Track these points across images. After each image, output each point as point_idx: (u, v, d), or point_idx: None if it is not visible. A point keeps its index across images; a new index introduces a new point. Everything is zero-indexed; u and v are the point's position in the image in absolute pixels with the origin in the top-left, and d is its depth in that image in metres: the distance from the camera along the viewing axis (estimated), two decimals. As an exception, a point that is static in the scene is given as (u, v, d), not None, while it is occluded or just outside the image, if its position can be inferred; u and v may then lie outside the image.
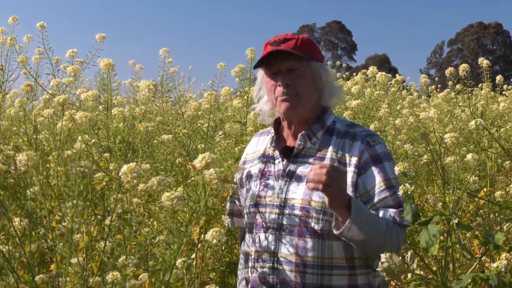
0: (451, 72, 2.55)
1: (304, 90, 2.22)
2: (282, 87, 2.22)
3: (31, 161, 1.61)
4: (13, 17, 3.94)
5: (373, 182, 2.15)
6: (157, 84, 1.97)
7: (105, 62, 2.66)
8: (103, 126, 2.97)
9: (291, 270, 2.15)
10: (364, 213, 2.05)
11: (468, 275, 1.80)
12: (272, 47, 2.24)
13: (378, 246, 2.05)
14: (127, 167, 1.60)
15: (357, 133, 2.24)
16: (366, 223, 2.04)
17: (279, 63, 2.23)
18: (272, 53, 2.21)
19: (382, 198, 2.13)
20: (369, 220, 2.05)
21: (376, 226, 2.06)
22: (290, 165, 2.25)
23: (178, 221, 1.75)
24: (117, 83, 5.11)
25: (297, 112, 2.24)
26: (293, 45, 2.22)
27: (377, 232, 2.06)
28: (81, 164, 1.62)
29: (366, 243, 2.07)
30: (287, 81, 2.21)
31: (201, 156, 1.62)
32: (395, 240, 2.09)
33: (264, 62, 2.27)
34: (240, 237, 2.52)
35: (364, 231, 2.02)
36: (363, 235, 2.02)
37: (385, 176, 2.15)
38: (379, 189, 2.14)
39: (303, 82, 2.22)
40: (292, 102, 2.22)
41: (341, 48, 60.30)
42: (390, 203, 2.13)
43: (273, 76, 2.26)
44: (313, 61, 2.25)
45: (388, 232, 2.07)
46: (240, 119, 3.93)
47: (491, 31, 53.65)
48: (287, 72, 2.22)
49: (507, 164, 4.33)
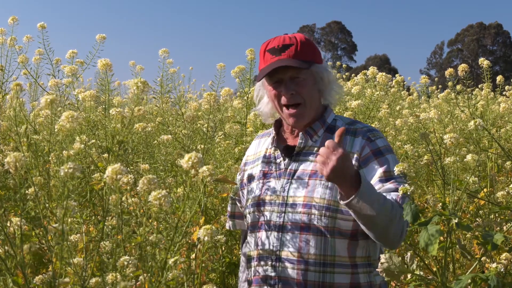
0: (450, 72, 2.55)
1: (308, 97, 2.22)
2: (286, 97, 2.21)
3: (19, 163, 1.60)
4: (13, 17, 3.94)
5: (374, 172, 2.15)
6: (147, 82, 1.94)
7: (103, 62, 2.66)
8: (101, 127, 2.97)
9: (293, 268, 2.15)
10: (371, 188, 2.03)
11: (467, 276, 1.80)
12: (272, 56, 2.22)
13: (384, 224, 2.03)
14: (111, 168, 1.59)
15: (358, 129, 2.25)
16: (373, 196, 2.01)
17: (281, 73, 2.22)
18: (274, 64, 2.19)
19: (382, 186, 2.12)
20: (377, 195, 2.03)
21: (384, 204, 2.02)
22: (292, 163, 2.25)
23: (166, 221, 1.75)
24: (117, 83, 5.11)
25: (304, 122, 2.25)
26: (293, 52, 2.20)
27: (383, 208, 2.02)
28: (69, 165, 1.61)
29: (373, 218, 2.02)
30: (291, 91, 2.21)
31: (188, 156, 1.62)
32: (399, 220, 2.05)
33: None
34: (242, 240, 2.51)
35: (371, 203, 1.98)
36: (371, 208, 1.98)
37: (387, 168, 2.14)
38: (378, 178, 2.13)
39: (306, 89, 2.22)
40: (298, 115, 2.22)
41: (341, 48, 60.32)
42: (392, 188, 2.11)
43: (275, 85, 2.25)
44: (314, 64, 2.24)
45: (393, 210, 2.04)
46: (240, 120, 3.93)
47: (491, 32, 53.65)
48: (289, 81, 2.22)
49: (508, 164, 4.33)
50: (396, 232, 2.07)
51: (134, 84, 1.97)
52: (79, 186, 2.44)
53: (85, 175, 2.64)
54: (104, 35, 3.58)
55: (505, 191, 2.73)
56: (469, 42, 53.49)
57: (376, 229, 2.08)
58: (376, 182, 2.14)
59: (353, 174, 2.00)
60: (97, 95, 2.94)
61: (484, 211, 3.65)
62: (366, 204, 1.98)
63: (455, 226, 1.75)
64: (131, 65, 4.22)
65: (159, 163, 3.30)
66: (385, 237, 2.07)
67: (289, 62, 2.18)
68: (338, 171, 1.97)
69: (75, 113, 1.70)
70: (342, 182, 2.01)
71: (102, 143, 2.85)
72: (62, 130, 1.80)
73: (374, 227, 2.06)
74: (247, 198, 2.34)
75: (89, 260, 1.95)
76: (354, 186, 1.99)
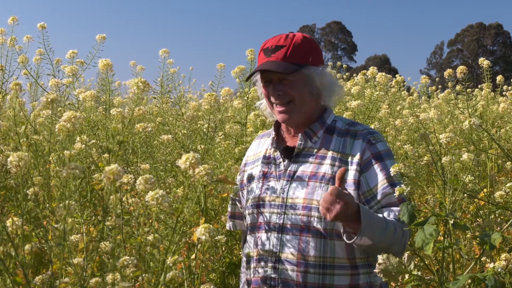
0: (449, 73, 2.55)
1: (297, 96, 2.23)
2: (273, 97, 2.24)
3: (22, 162, 1.59)
4: (13, 17, 3.94)
5: (376, 179, 2.16)
6: (147, 82, 1.94)
7: (104, 62, 2.66)
8: (102, 127, 2.97)
9: (293, 270, 2.15)
10: (372, 220, 2.05)
11: (465, 276, 1.80)
12: (264, 56, 2.25)
13: (386, 247, 2.07)
14: (108, 169, 1.59)
15: (358, 131, 2.25)
16: (375, 229, 2.05)
17: (270, 74, 2.24)
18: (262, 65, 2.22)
19: (386, 195, 2.14)
20: (378, 226, 2.06)
21: (385, 231, 2.07)
22: (292, 165, 2.26)
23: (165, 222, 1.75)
24: (117, 83, 5.11)
25: (294, 119, 2.25)
26: (282, 56, 2.20)
27: (385, 236, 2.07)
28: (71, 166, 1.60)
29: (375, 247, 2.08)
30: (278, 92, 2.22)
31: (185, 157, 1.62)
32: (401, 239, 2.11)
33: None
34: (242, 240, 2.51)
35: (374, 237, 2.04)
36: (373, 240, 2.05)
37: (388, 173, 2.14)
38: (382, 186, 2.14)
39: (294, 90, 2.22)
40: (287, 112, 2.24)
41: (341, 48, 60.30)
42: (393, 200, 2.14)
43: (266, 84, 2.27)
44: (306, 66, 2.22)
45: (395, 233, 2.09)
46: (240, 120, 3.93)
47: (491, 32, 53.62)
48: (277, 82, 2.23)
49: (508, 165, 4.33)
50: (398, 249, 2.12)
51: (134, 84, 1.97)
52: (80, 186, 2.44)
53: (86, 175, 2.65)
54: (104, 35, 3.59)
55: (503, 191, 2.73)
56: (469, 42, 53.46)
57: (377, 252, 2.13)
58: (379, 190, 2.15)
59: (355, 212, 2.04)
60: (98, 95, 2.94)
61: (484, 211, 3.66)
62: (368, 239, 2.04)
63: (451, 227, 1.76)
64: (132, 65, 4.22)
65: (159, 163, 3.30)
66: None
67: (273, 66, 2.20)
68: (342, 217, 2.01)
69: (77, 114, 1.70)
70: (344, 222, 2.06)
71: (103, 143, 2.85)
72: (63, 130, 1.80)
73: (376, 251, 2.11)
74: (247, 198, 2.35)
75: (89, 260, 1.96)
76: (356, 221, 2.03)
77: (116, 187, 1.69)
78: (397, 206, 2.12)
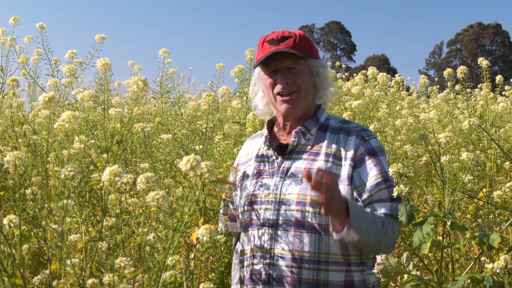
0: (449, 73, 2.55)
1: (304, 86, 2.27)
2: (281, 85, 2.25)
3: (18, 161, 1.58)
4: (14, 17, 3.93)
5: (369, 174, 2.18)
6: (147, 81, 1.92)
7: (102, 62, 2.65)
8: (100, 127, 2.97)
9: (288, 265, 2.16)
10: (360, 215, 2.07)
11: (463, 276, 1.80)
12: (270, 46, 2.26)
13: (375, 244, 2.10)
14: (109, 170, 1.58)
15: (351, 128, 2.29)
16: (363, 224, 2.06)
17: (278, 62, 2.26)
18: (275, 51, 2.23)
19: (378, 190, 2.16)
20: (366, 221, 2.08)
21: (373, 226, 2.09)
22: (285, 162, 2.28)
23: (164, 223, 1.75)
24: (117, 83, 5.10)
25: (296, 110, 2.28)
26: (292, 43, 2.24)
27: (373, 232, 2.09)
28: (69, 168, 1.60)
29: (362, 243, 2.10)
30: (287, 79, 2.25)
31: (186, 159, 1.62)
32: (390, 235, 2.13)
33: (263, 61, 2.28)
34: (234, 242, 2.52)
35: (361, 232, 2.06)
36: (361, 236, 2.06)
37: (381, 169, 2.19)
38: (376, 181, 2.17)
39: (302, 79, 2.26)
40: (292, 101, 2.26)
41: (340, 48, 60.30)
42: (385, 195, 2.16)
43: (271, 74, 2.29)
44: (310, 58, 2.28)
45: (384, 229, 2.11)
46: (239, 120, 3.93)
47: (490, 32, 53.62)
48: (286, 71, 2.26)
49: (507, 164, 4.33)
50: (387, 246, 2.15)
51: (134, 82, 1.96)
52: (79, 186, 2.44)
53: (84, 175, 2.64)
54: (103, 36, 3.58)
55: (502, 191, 2.73)
56: (468, 42, 53.48)
57: (367, 249, 2.17)
58: (373, 185, 2.17)
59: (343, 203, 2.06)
60: (96, 95, 2.94)
61: (484, 211, 3.65)
62: (355, 233, 2.05)
63: (449, 227, 1.76)
64: (130, 65, 4.22)
65: (158, 162, 3.30)
66: (376, 252, 2.11)
67: (288, 50, 2.23)
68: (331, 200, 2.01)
69: (77, 113, 1.69)
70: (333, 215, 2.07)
71: (101, 143, 2.85)
72: (61, 130, 1.80)
73: (365, 248, 2.16)
74: (240, 196, 2.36)
75: (88, 260, 1.95)
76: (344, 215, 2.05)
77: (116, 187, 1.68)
78: (388, 202, 2.15)
